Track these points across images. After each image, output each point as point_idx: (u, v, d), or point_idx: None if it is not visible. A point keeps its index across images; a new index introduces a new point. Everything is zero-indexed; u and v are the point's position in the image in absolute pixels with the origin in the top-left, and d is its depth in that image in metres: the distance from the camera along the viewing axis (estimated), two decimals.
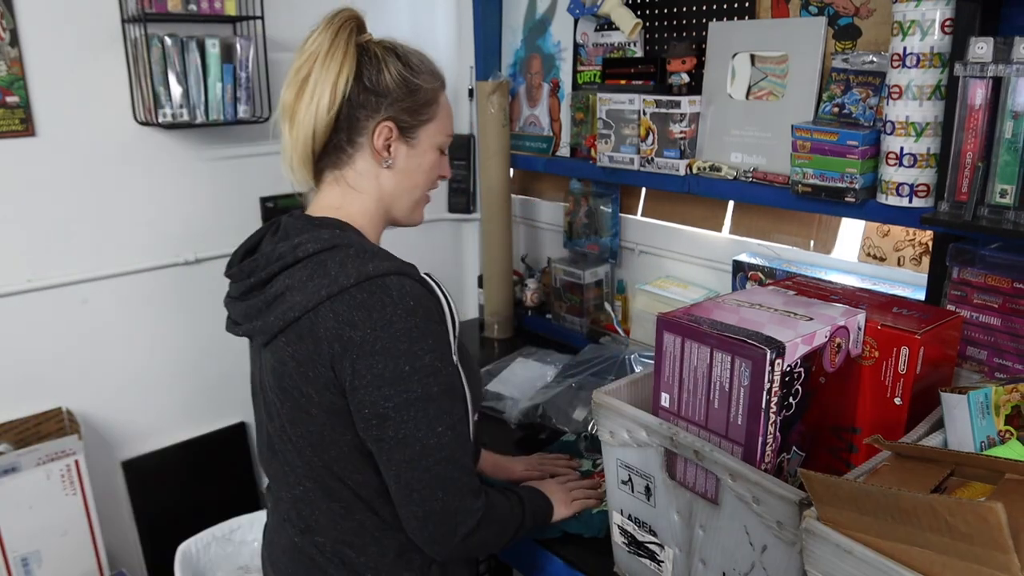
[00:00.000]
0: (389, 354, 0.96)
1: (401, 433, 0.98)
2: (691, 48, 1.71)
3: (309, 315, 0.98)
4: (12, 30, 1.73)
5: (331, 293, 0.97)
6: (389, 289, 0.97)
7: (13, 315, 1.85)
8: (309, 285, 0.99)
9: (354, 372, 0.96)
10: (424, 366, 0.98)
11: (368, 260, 0.99)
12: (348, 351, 0.96)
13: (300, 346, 0.99)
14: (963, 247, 1.29)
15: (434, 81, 1.11)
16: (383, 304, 0.96)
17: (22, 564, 1.72)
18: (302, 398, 1.01)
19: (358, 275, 0.97)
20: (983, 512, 0.61)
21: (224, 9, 1.88)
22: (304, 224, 1.07)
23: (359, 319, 0.96)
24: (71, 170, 1.87)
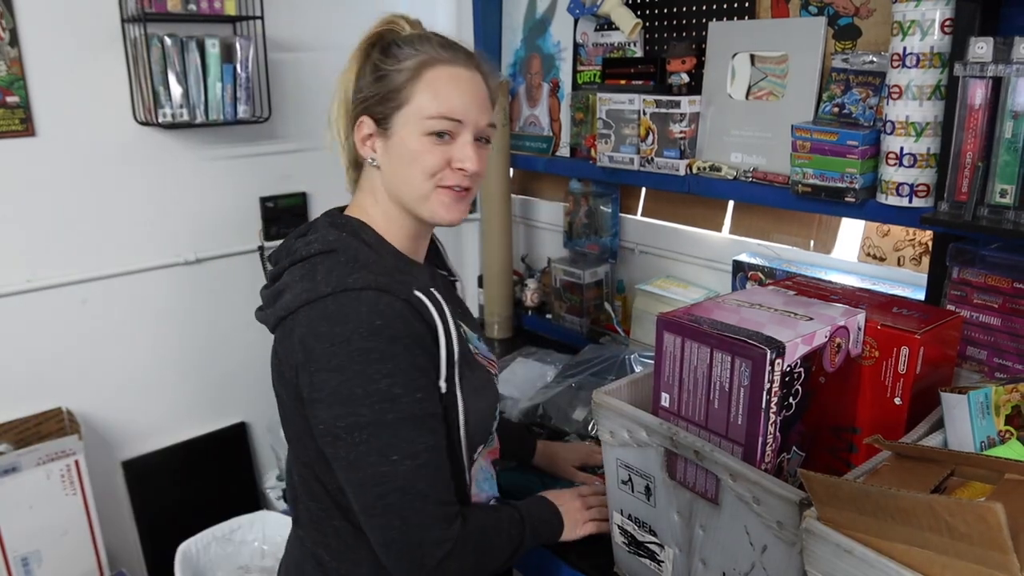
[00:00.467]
0: (343, 372, 0.93)
1: (352, 455, 0.94)
2: (691, 48, 1.71)
3: (292, 316, 0.97)
4: (12, 30, 1.73)
5: (309, 299, 0.96)
6: (360, 304, 0.94)
7: (13, 315, 1.85)
8: (297, 287, 0.98)
9: (311, 385, 0.95)
10: (378, 391, 0.93)
11: (354, 270, 0.97)
12: (308, 362, 0.95)
13: (282, 345, 1.00)
14: (963, 247, 1.29)
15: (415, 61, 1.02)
16: (347, 319, 0.93)
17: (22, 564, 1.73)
18: (283, 394, 1.03)
19: (336, 285, 0.95)
20: (982, 512, 0.61)
21: (224, 9, 1.88)
22: (326, 222, 1.07)
23: (323, 331, 0.94)
24: (71, 170, 1.87)
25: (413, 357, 0.96)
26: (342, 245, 1.01)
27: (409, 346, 0.96)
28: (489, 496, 1.19)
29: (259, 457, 2.37)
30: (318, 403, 0.95)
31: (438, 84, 1.02)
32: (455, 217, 1.06)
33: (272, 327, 1.02)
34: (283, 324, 0.99)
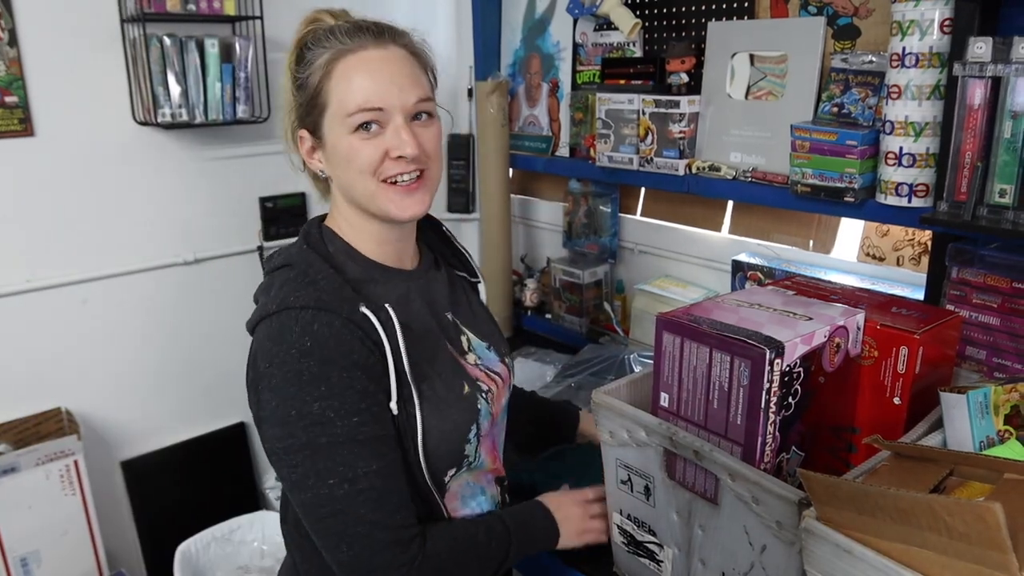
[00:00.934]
0: (278, 394, 0.91)
1: (294, 476, 0.93)
2: (690, 48, 1.71)
3: (254, 332, 0.98)
4: (11, 30, 1.73)
5: (261, 316, 0.96)
6: (294, 324, 0.91)
7: (13, 315, 1.85)
8: (259, 303, 1.00)
9: (257, 402, 0.96)
10: (310, 414, 0.90)
11: (298, 288, 0.94)
12: (256, 380, 0.95)
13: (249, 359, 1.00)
14: (962, 247, 1.29)
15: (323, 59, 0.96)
16: (284, 339, 0.91)
17: (21, 564, 1.72)
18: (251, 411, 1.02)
19: (280, 303, 0.93)
20: (981, 512, 0.61)
21: (223, 9, 1.88)
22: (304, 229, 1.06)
23: (266, 349, 0.93)
24: (70, 170, 1.87)
25: (350, 380, 0.92)
26: (297, 259, 0.99)
27: (346, 367, 0.92)
28: (479, 513, 1.12)
29: (258, 457, 2.37)
30: (263, 421, 0.95)
31: (349, 76, 0.95)
32: (411, 211, 1.00)
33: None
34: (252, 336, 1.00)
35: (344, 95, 0.95)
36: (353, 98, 0.95)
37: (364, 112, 0.95)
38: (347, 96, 0.95)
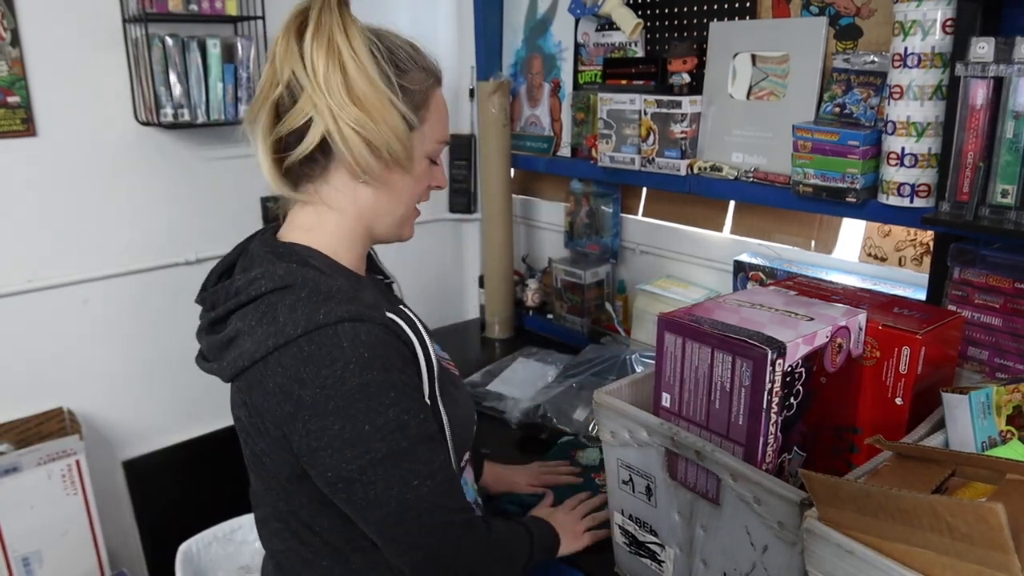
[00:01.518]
0: (345, 414, 0.87)
1: (372, 494, 0.90)
2: (692, 48, 1.70)
3: (258, 365, 0.89)
4: (13, 30, 1.73)
5: (278, 344, 0.87)
6: (340, 339, 0.87)
7: (13, 315, 1.85)
8: (258, 331, 0.89)
9: (308, 433, 0.88)
10: (388, 422, 0.89)
11: (320, 305, 0.89)
12: (299, 412, 0.88)
13: (251, 396, 0.93)
14: (964, 247, 1.29)
15: (426, 79, 0.98)
16: (333, 358, 0.86)
17: (23, 564, 1.73)
18: (256, 446, 0.96)
19: (307, 323, 0.87)
20: (983, 513, 0.61)
21: (225, 9, 1.88)
22: (267, 252, 0.97)
23: (308, 376, 0.87)
24: (72, 170, 1.87)
25: (408, 380, 0.93)
26: (297, 279, 0.91)
27: (402, 369, 0.92)
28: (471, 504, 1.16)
29: None
30: (320, 451, 0.88)
31: (440, 107, 1.01)
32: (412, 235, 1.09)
33: (229, 379, 0.94)
34: (246, 375, 0.91)
35: (438, 124, 1.01)
36: (443, 128, 1.02)
37: (444, 144, 1.03)
38: (441, 126, 1.01)
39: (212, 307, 0.97)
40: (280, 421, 0.90)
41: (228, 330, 0.94)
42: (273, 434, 0.92)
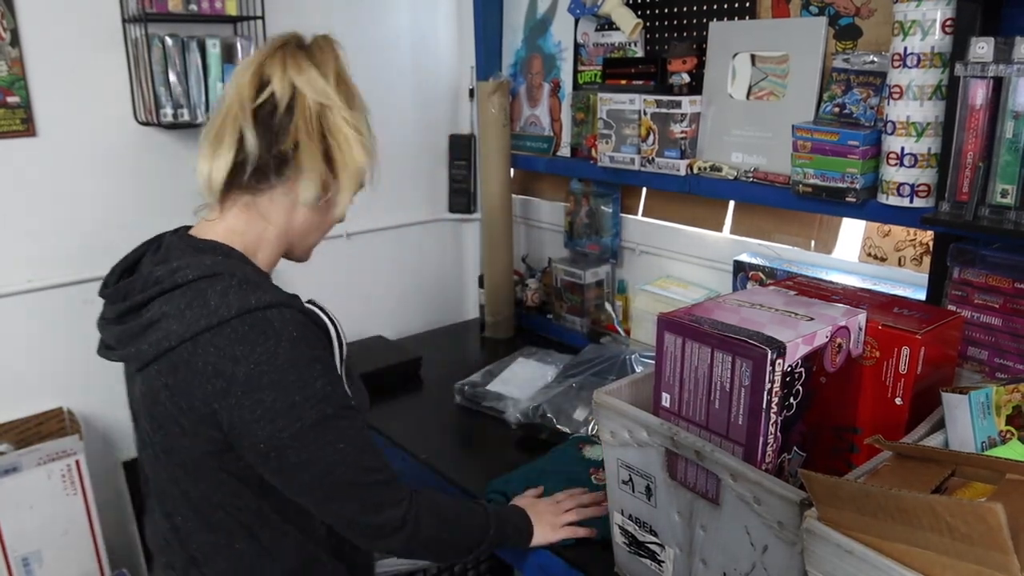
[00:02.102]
0: (278, 387, 0.93)
1: (303, 457, 0.96)
2: (692, 48, 1.70)
3: (186, 345, 0.94)
4: (13, 30, 1.73)
5: (210, 324, 0.93)
6: (271, 322, 0.94)
7: (14, 315, 1.85)
8: (187, 314, 0.94)
9: (241, 408, 0.93)
10: (315, 392, 0.96)
11: (251, 292, 0.96)
12: (232, 387, 0.93)
13: (174, 377, 0.95)
14: (964, 247, 1.29)
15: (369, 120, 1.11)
16: (266, 337, 0.93)
17: (23, 564, 1.73)
18: (175, 427, 0.98)
19: (240, 307, 0.94)
20: (983, 513, 0.61)
21: (225, 9, 1.88)
22: (187, 247, 1.02)
23: (241, 353, 0.93)
24: (71, 170, 1.87)
25: (330, 358, 1.01)
26: (225, 269, 0.98)
27: (326, 347, 1.01)
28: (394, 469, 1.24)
29: None
30: (253, 423, 0.94)
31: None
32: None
33: (148, 361, 0.96)
34: (170, 354, 0.95)
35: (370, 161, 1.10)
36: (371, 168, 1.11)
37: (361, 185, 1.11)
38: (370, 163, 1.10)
39: (124, 298, 1.01)
40: (210, 397, 0.94)
41: (149, 315, 0.97)
42: (200, 411, 0.95)
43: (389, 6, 2.26)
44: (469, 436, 1.73)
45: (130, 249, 1.12)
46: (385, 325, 2.39)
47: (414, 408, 1.87)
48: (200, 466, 1.00)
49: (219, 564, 1.06)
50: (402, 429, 1.70)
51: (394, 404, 1.87)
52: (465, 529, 1.16)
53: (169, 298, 0.96)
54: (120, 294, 1.01)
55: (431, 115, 2.42)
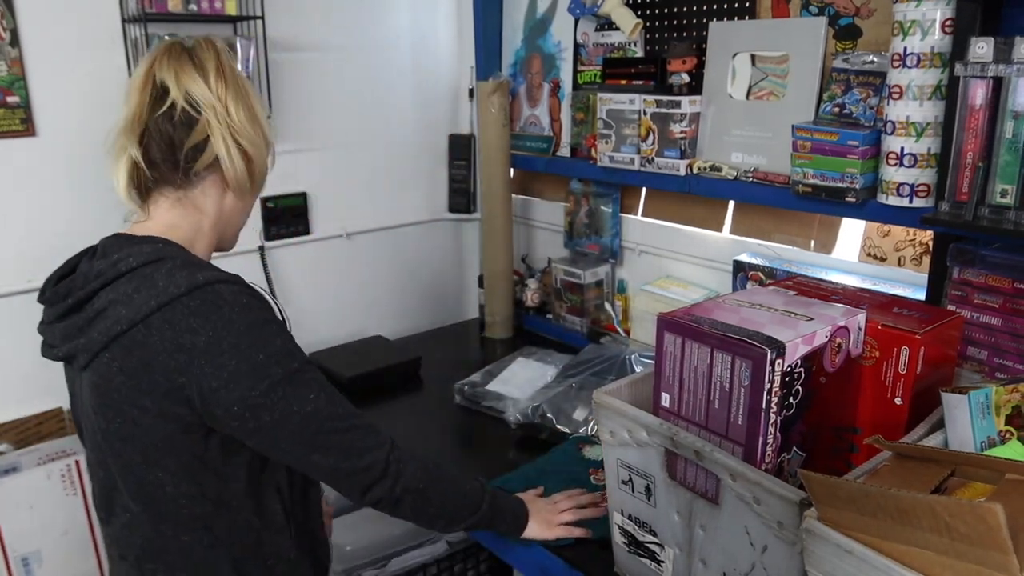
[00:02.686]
0: (239, 350, 0.96)
1: (277, 414, 0.98)
2: (691, 48, 1.70)
3: (139, 327, 0.95)
4: (12, 30, 1.73)
5: (161, 303, 0.95)
6: (220, 294, 0.98)
7: (13, 315, 1.85)
8: (136, 298, 0.96)
9: (205, 376, 0.95)
10: (277, 350, 0.99)
11: (196, 270, 0.99)
12: (194, 359, 0.95)
13: (128, 359, 0.96)
14: (963, 247, 1.29)
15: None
16: (219, 306, 0.97)
17: (22, 564, 1.73)
18: (133, 410, 0.98)
19: (188, 284, 0.96)
20: (982, 513, 0.61)
21: (225, 9, 1.88)
22: (124, 242, 1.04)
23: (198, 325, 0.95)
24: (72, 170, 1.87)
25: (283, 322, 1.06)
26: (167, 254, 1.01)
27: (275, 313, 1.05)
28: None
29: None
30: (220, 390, 0.95)
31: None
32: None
33: (98, 350, 0.97)
34: (122, 339, 0.96)
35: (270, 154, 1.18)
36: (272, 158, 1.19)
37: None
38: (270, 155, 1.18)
39: (65, 297, 1.02)
40: (173, 373, 0.95)
41: (96, 306, 0.99)
42: (163, 388, 0.96)
43: (389, 6, 2.26)
44: (469, 436, 1.73)
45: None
46: (385, 325, 2.39)
47: (414, 408, 1.87)
48: (160, 450, 1.00)
49: (164, 558, 1.06)
50: (402, 429, 1.70)
51: (394, 404, 1.87)
52: (454, 491, 1.17)
53: (114, 287, 0.98)
54: (60, 294, 1.02)
55: (431, 115, 2.42)
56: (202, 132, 1.04)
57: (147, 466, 1.02)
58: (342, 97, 2.22)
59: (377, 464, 1.07)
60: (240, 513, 1.06)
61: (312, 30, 2.15)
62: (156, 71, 1.04)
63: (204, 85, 1.04)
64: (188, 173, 1.06)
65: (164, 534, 1.05)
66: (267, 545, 1.09)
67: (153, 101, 1.04)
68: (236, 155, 1.07)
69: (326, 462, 1.04)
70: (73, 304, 1.01)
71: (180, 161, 1.05)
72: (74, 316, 1.01)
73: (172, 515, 1.04)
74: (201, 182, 1.08)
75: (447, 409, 1.81)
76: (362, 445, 1.06)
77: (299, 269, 2.25)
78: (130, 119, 1.05)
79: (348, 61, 2.21)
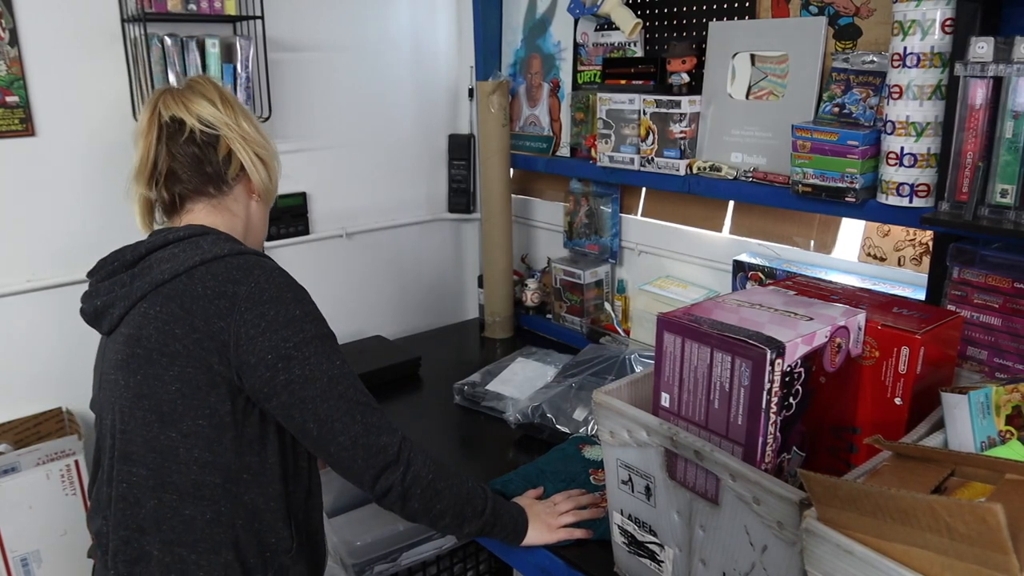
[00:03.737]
0: (279, 301, 1.04)
1: (307, 369, 1.04)
2: (691, 48, 1.70)
3: (181, 278, 1.04)
4: (11, 29, 1.73)
5: (205, 259, 1.05)
6: (261, 261, 1.09)
7: (13, 315, 1.85)
8: (181, 256, 1.06)
9: (245, 323, 1.02)
10: (312, 311, 1.08)
11: (237, 243, 1.11)
12: (236, 304, 1.02)
13: (168, 306, 1.04)
14: (963, 247, 1.29)
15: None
16: (260, 266, 1.07)
17: (22, 564, 1.72)
18: (162, 359, 1.03)
19: (231, 249, 1.07)
20: (982, 513, 0.61)
21: (224, 9, 1.88)
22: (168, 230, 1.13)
23: (240, 276, 1.04)
24: (71, 170, 1.87)
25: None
26: (212, 231, 1.12)
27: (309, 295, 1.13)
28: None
29: None
30: (258, 337, 1.02)
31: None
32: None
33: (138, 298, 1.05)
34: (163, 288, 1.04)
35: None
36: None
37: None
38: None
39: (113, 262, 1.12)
40: (213, 317, 1.02)
41: (143, 265, 1.08)
42: (201, 331, 1.02)
43: (389, 6, 2.26)
44: (469, 436, 1.73)
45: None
46: (384, 325, 2.39)
47: (413, 408, 1.87)
48: (179, 408, 1.03)
49: (166, 530, 1.06)
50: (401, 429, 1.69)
51: (393, 404, 1.87)
52: (460, 489, 1.18)
53: (162, 251, 1.09)
54: (109, 262, 1.13)
55: (431, 115, 2.42)
56: (225, 146, 1.16)
57: (162, 425, 1.04)
58: (342, 97, 2.22)
59: (391, 447, 1.10)
60: (246, 494, 1.07)
61: (312, 30, 2.15)
62: (162, 110, 1.15)
63: (213, 108, 1.15)
64: (222, 182, 1.17)
65: (166, 503, 1.05)
66: (267, 534, 1.10)
67: (169, 136, 1.14)
68: (256, 162, 1.19)
69: (347, 432, 1.06)
70: (120, 265, 1.11)
71: (212, 174, 1.16)
72: (121, 274, 1.10)
73: (179, 483, 1.05)
74: (231, 190, 1.18)
75: (447, 409, 1.81)
76: (379, 423, 1.10)
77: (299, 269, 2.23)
78: (139, 165, 1.17)
79: (348, 61, 2.21)
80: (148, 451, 1.05)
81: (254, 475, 1.07)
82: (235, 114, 1.17)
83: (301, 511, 1.15)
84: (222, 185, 1.17)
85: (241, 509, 1.07)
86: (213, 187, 1.17)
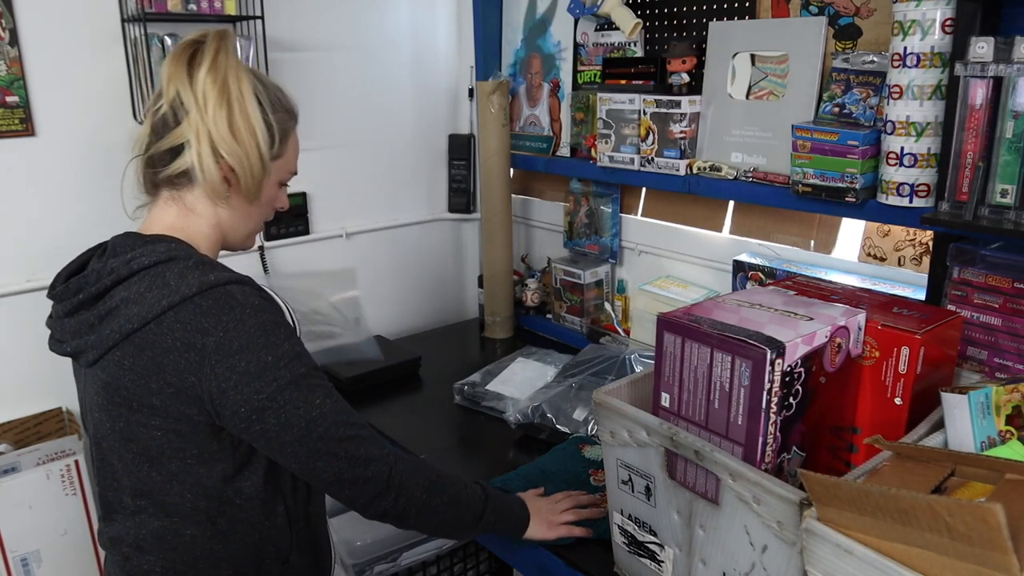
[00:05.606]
0: (249, 350, 0.96)
1: (283, 417, 0.98)
2: (691, 48, 1.70)
3: (150, 326, 0.96)
4: (11, 29, 1.73)
5: (173, 303, 0.96)
6: (232, 294, 0.98)
7: (13, 315, 1.85)
8: (148, 296, 0.97)
9: (216, 376, 0.95)
10: (286, 352, 0.99)
11: (208, 270, 0.99)
12: (205, 358, 0.95)
13: (140, 358, 0.97)
14: (963, 247, 1.29)
15: (289, 120, 1.12)
16: (231, 307, 0.97)
17: (22, 564, 1.72)
18: (143, 408, 0.99)
19: (200, 284, 0.97)
20: (982, 513, 0.61)
21: (224, 9, 1.88)
22: (135, 241, 1.05)
23: (209, 324, 0.95)
24: (71, 170, 1.87)
25: (291, 325, 1.06)
26: (178, 254, 1.01)
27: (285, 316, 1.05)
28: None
29: None
30: (230, 391, 0.96)
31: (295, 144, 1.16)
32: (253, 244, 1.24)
33: (109, 347, 0.97)
34: (134, 337, 0.96)
35: (292, 158, 1.15)
36: (295, 161, 1.16)
37: (293, 174, 1.17)
38: (292, 158, 1.15)
39: (76, 293, 1.02)
40: (184, 371, 0.96)
41: (108, 303, 0.99)
42: (174, 387, 0.97)
43: (389, 6, 2.26)
44: (469, 436, 1.73)
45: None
46: (384, 325, 2.39)
47: (413, 408, 1.87)
48: (164, 450, 1.01)
49: (161, 552, 1.06)
50: (401, 429, 1.70)
51: (393, 404, 1.87)
52: (456, 502, 1.16)
53: (127, 285, 0.99)
54: (72, 290, 1.03)
55: (431, 115, 2.42)
56: (178, 137, 1.03)
57: (151, 466, 1.02)
58: (342, 97, 2.22)
59: (380, 476, 1.06)
60: (244, 511, 1.06)
61: (312, 30, 2.15)
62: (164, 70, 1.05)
63: (190, 89, 1.02)
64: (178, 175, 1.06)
65: (169, 528, 1.05)
66: (268, 545, 1.09)
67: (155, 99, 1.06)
68: (210, 166, 1.03)
69: (330, 470, 1.02)
70: (84, 300, 1.01)
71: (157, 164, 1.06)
72: (85, 312, 1.01)
73: (175, 510, 1.04)
74: (191, 184, 1.07)
75: (447, 409, 1.81)
76: (366, 455, 1.05)
77: (299, 269, 2.24)
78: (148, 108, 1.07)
79: (348, 61, 2.21)
80: (141, 485, 1.04)
81: (247, 499, 1.06)
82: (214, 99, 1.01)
83: (301, 519, 1.14)
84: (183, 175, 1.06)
85: (239, 524, 1.07)
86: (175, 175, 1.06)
